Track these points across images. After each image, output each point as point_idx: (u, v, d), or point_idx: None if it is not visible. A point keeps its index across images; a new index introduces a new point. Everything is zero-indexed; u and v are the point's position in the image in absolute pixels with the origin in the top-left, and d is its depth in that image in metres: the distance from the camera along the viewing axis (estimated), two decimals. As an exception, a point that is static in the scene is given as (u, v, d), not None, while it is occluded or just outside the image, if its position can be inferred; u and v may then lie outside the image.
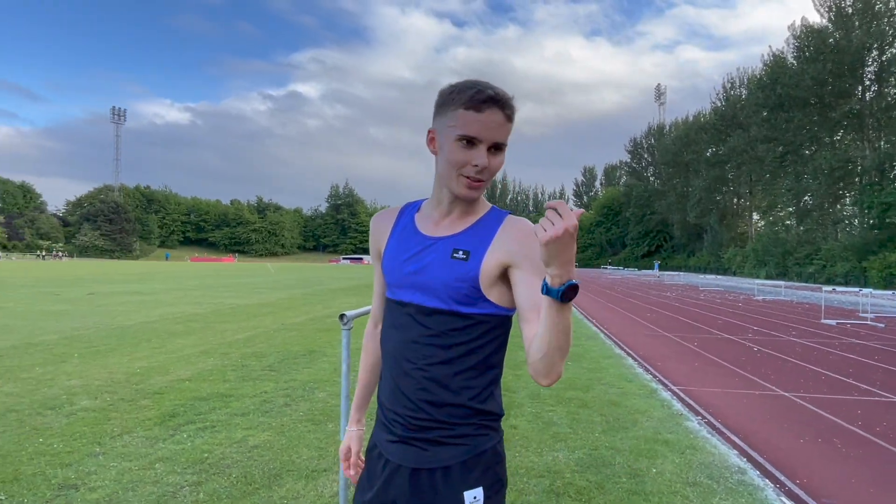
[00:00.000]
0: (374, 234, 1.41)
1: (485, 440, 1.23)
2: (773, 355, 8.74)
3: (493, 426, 1.25)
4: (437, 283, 1.22)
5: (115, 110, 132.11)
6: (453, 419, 1.21)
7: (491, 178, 1.22)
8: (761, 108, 47.60)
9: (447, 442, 1.21)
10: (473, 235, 1.24)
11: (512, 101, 1.19)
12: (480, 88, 1.16)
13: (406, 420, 1.23)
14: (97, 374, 6.22)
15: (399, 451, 1.25)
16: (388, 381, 1.27)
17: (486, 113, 1.16)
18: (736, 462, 3.98)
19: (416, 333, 1.23)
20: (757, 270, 45.76)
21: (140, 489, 3.26)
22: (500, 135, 1.18)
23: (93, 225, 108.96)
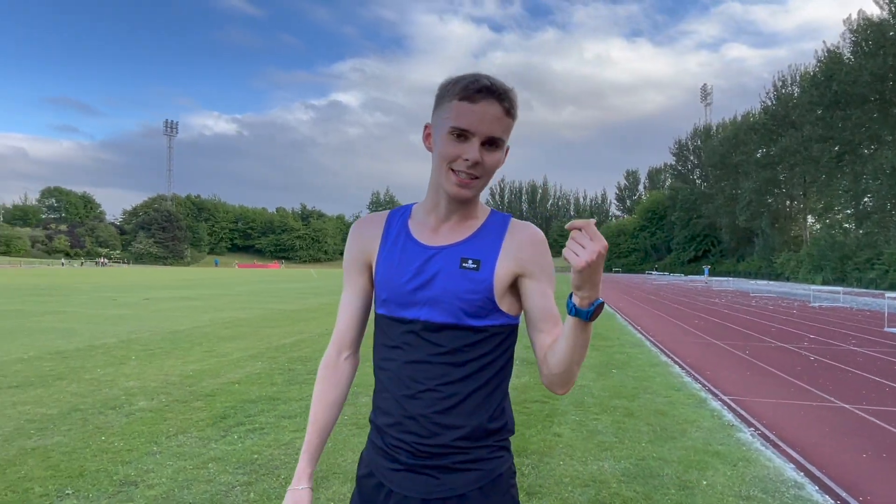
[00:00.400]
0: (356, 244, 1.26)
1: (500, 463, 1.15)
2: (832, 365, 8.33)
3: (507, 446, 1.19)
4: (448, 296, 1.12)
5: (168, 123, 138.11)
6: (468, 442, 1.12)
7: (486, 176, 1.12)
8: (815, 107, 45.61)
9: (461, 468, 1.12)
10: (481, 242, 1.16)
11: (511, 93, 1.10)
12: (477, 78, 1.08)
13: (414, 447, 1.12)
14: (153, 376, 6.50)
15: (406, 480, 1.13)
16: (391, 406, 1.15)
17: (480, 104, 1.07)
18: (792, 476, 3.82)
19: (424, 352, 1.13)
20: (812, 276, 43.69)
21: (195, 487, 3.39)
22: (495, 129, 1.09)
23: (147, 233, 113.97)
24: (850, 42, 42.62)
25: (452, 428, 1.11)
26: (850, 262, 40.42)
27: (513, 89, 1.11)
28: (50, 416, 4.86)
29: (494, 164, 1.11)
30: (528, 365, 7.62)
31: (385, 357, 1.19)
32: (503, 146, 1.12)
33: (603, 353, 8.84)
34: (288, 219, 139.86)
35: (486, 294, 1.12)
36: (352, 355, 1.33)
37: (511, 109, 1.10)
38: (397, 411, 1.14)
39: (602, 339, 10.65)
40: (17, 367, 6.94)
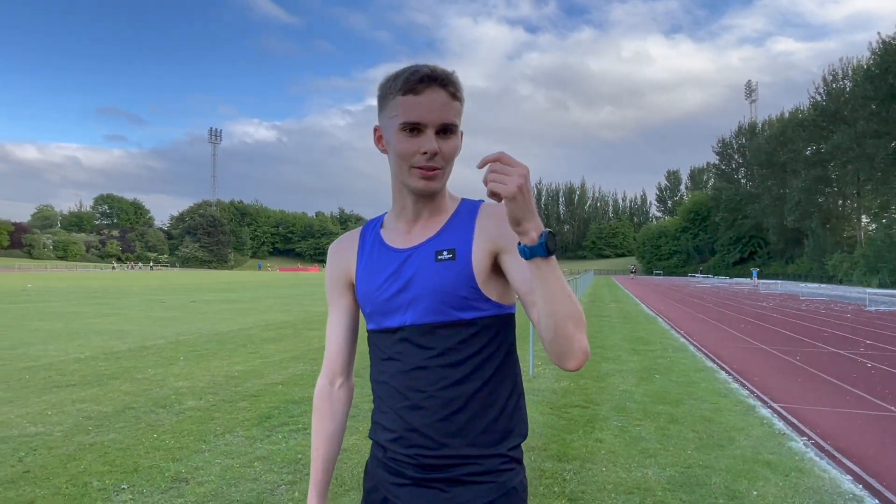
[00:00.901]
0: (334, 266, 1.23)
1: (512, 476, 1.08)
2: (891, 372, 7.92)
3: (518, 457, 1.12)
4: (429, 292, 1.07)
5: (212, 131, 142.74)
6: (477, 450, 1.06)
7: (447, 164, 1.08)
8: (870, 101, 43.54)
9: (470, 480, 1.06)
10: (453, 231, 1.11)
11: (453, 76, 1.06)
12: (416, 69, 1.04)
13: (419, 460, 1.07)
14: (201, 377, 6.72)
15: (411, 495, 1.09)
16: (392, 421, 1.11)
17: (425, 94, 1.03)
18: (850, 489, 3.65)
19: (418, 358, 1.07)
20: (868, 278, 41.62)
21: (242, 486, 3.48)
22: (445, 115, 1.04)
23: (193, 237, 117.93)
24: (907, 32, 40.52)
25: (457, 435, 1.06)
26: (910, 264, 38.34)
27: (454, 72, 1.07)
28: (105, 413, 5.08)
29: (452, 151, 1.07)
30: (568, 369, 7.53)
31: (380, 371, 1.15)
32: (457, 131, 1.07)
33: (645, 358, 8.65)
34: (327, 223, 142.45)
35: (468, 282, 1.06)
36: (344, 382, 1.28)
37: (456, 93, 1.06)
38: (398, 425, 1.09)
39: (643, 343, 10.42)
40: (74, 366, 7.29)
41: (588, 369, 7.51)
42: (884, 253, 41.16)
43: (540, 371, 7.35)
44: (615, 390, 6.34)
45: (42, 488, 3.39)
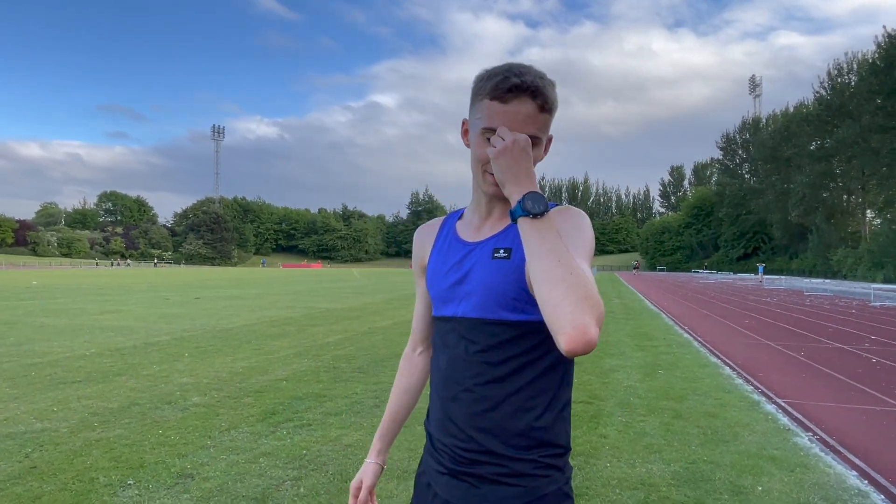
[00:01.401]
0: (416, 249, 1.29)
1: (546, 482, 1.04)
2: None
3: (558, 464, 1.07)
4: (480, 288, 1.07)
5: (215, 128, 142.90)
6: (508, 451, 1.05)
7: None
8: (875, 95, 43.31)
9: (499, 481, 1.05)
10: (515, 231, 1.08)
11: (545, 88, 1.03)
12: (507, 76, 1.02)
13: (454, 452, 1.09)
14: (205, 373, 6.74)
15: (448, 485, 1.11)
16: (437, 408, 1.15)
17: (512, 104, 1.02)
18: (856, 484, 3.64)
19: (462, 350, 1.09)
20: (873, 273, 41.45)
21: (247, 481, 3.49)
22: (528, 128, 1.03)
23: (196, 234, 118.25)
24: (913, 26, 40.24)
25: (488, 432, 1.05)
26: (915, 259, 38.18)
27: (546, 81, 1.05)
28: (111, 409, 5.10)
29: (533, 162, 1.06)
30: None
31: (435, 357, 1.19)
32: (540, 143, 1.07)
33: (649, 353, 8.64)
34: (330, 219, 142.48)
35: (517, 283, 1.04)
36: (424, 350, 1.36)
37: (546, 104, 1.04)
38: (440, 414, 1.13)
39: (647, 338, 10.41)
40: (80, 363, 7.32)
41: (592, 365, 7.51)
42: (888, 248, 40.99)
43: (544, 367, 7.34)
44: (619, 386, 6.34)
45: (49, 484, 3.41)
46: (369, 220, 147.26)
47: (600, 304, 0.88)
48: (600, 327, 0.88)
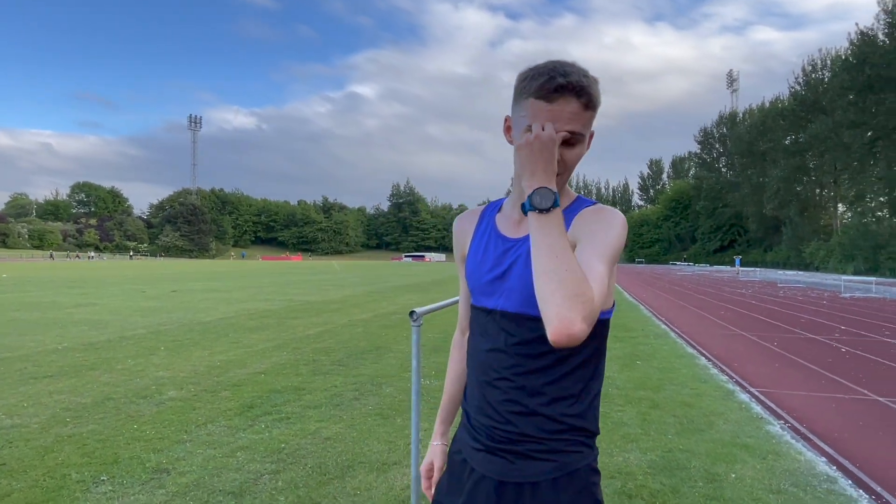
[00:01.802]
0: (456, 238, 1.34)
1: (578, 457, 1.12)
2: (865, 357, 8.12)
3: (588, 443, 1.15)
4: (521, 285, 1.11)
5: (192, 118, 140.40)
6: (542, 433, 1.11)
7: (567, 171, 1.12)
8: (847, 91, 44.22)
9: (535, 456, 1.12)
10: None
11: (590, 87, 1.07)
12: (553, 76, 1.05)
13: (491, 431, 1.16)
14: (182, 367, 6.64)
15: (484, 460, 1.17)
16: (474, 390, 1.21)
17: (557, 103, 1.06)
18: (825, 470, 3.74)
19: (501, 342, 1.14)
20: (843, 266, 42.54)
21: (224, 475, 3.45)
22: (573, 125, 1.07)
23: (173, 226, 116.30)
24: (884, 24, 41.15)
25: (524, 416, 1.11)
26: (884, 252, 39.27)
27: (591, 79, 1.09)
28: (84, 404, 5.00)
29: (575, 159, 1.12)
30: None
31: (472, 344, 1.25)
32: (584, 140, 1.11)
33: (627, 344, 8.75)
34: (310, 211, 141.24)
35: None
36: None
37: (590, 102, 1.08)
38: (478, 397, 1.18)
39: (625, 329, 10.55)
40: (51, 357, 7.15)
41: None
42: (858, 241, 42.08)
43: (523, 358, 7.39)
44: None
45: (19, 481, 3.33)
46: (350, 212, 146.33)
47: (591, 300, 0.93)
48: (589, 323, 0.92)
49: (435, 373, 6.47)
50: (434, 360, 7.24)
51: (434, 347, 8.17)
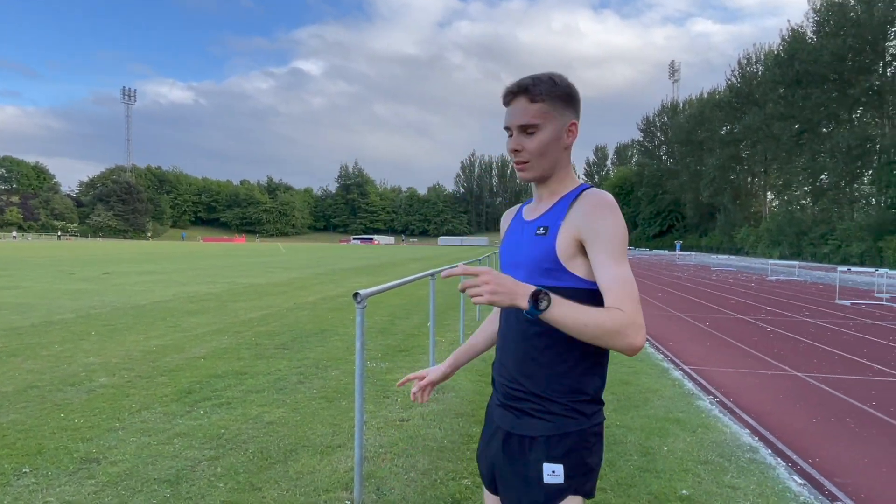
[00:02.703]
0: (501, 230, 1.58)
1: (571, 422, 1.28)
2: (786, 336, 8.69)
3: (585, 411, 1.29)
4: (526, 260, 1.33)
5: (126, 91, 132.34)
6: (544, 393, 1.29)
7: (534, 157, 1.32)
8: (778, 85, 46.58)
9: (535, 415, 1.30)
10: (554, 213, 1.33)
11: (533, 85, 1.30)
12: (508, 85, 1.33)
13: (505, 389, 1.37)
14: (115, 352, 6.34)
15: (500, 414, 1.39)
16: (497, 353, 1.44)
17: (511, 105, 1.33)
18: (748, 441, 3.99)
19: (513, 311, 1.33)
20: (770, 250, 45.26)
21: (159, 463, 3.33)
22: (522, 118, 1.30)
23: (106, 206, 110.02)
24: (813, 22, 43.49)
25: (529, 377, 1.31)
26: (806, 238, 42.01)
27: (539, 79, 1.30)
28: (4, 393, 4.69)
29: (536, 146, 1.31)
30: (497, 337, 7.71)
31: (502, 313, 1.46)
32: (542, 128, 1.31)
33: (570, 326, 9.00)
34: (254, 192, 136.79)
35: (550, 255, 1.28)
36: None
37: (536, 96, 1.29)
38: (499, 358, 1.42)
39: (569, 311, 10.84)
40: (-33, 343, 6.66)
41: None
42: (784, 227, 44.78)
43: (470, 340, 7.47)
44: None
45: (-72, 476, 3.10)
46: (296, 193, 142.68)
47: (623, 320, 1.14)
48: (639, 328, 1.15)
49: (381, 355, 6.45)
50: (381, 342, 7.22)
51: (381, 330, 8.14)
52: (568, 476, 1.26)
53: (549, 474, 1.26)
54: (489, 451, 1.41)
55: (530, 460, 1.29)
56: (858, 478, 3.42)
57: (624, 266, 1.22)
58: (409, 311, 10.16)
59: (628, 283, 1.20)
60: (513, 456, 1.32)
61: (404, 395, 4.85)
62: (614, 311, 1.17)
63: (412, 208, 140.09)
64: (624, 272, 1.21)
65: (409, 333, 7.93)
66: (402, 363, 6.08)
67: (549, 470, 1.27)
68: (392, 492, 3.04)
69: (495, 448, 1.38)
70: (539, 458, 1.28)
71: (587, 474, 1.29)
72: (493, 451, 1.39)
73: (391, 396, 4.83)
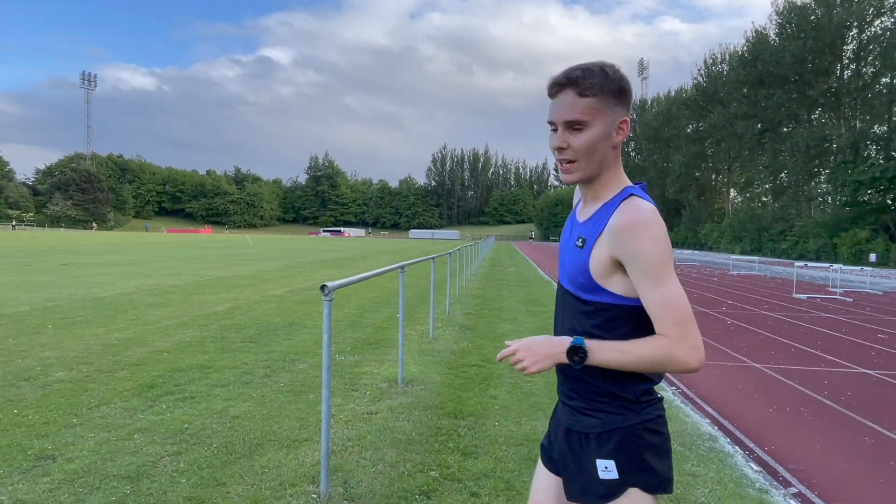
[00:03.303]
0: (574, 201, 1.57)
1: (618, 419, 1.30)
2: (746, 328, 8.97)
3: (632, 407, 1.30)
4: (568, 267, 1.35)
5: (86, 75, 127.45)
6: (588, 394, 1.33)
7: (581, 157, 1.26)
8: (742, 85, 47.80)
9: (586, 412, 1.34)
10: (593, 223, 1.30)
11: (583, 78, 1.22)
12: (554, 76, 1.26)
13: (564, 387, 1.42)
14: (73, 346, 6.13)
15: (561, 410, 1.45)
16: None
17: (557, 98, 1.25)
18: (708, 430, 4.11)
19: (560, 311, 1.41)
20: (733, 246, 46.62)
21: (119, 459, 3.24)
22: (570, 113, 1.23)
23: (64, 194, 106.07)
24: (776, 24, 44.71)
25: (574, 380, 1.35)
26: (766, 234, 43.38)
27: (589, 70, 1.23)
28: (-47, 389, 4.49)
29: (584, 143, 1.24)
30: (467, 331, 7.75)
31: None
32: (591, 125, 1.24)
33: (539, 319, 9.10)
34: (221, 182, 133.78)
35: (584, 271, 1.28)
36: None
37: (587, 90, 1.22)
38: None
39: (538, 304, 10.96)
40: (-87, 337, 6.35)
41: (486, 330, 7.78)
42: (746, 223, 46.14)
43: (439, 333, 7.49)
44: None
45: None
46: (264, 185, 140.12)
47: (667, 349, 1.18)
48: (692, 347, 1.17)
49: (350, 348, 6.41)
50: (350, 335, 7.17)
51: (351, 323, 8.08)
52: (622, 471, 1.28)
53: (602, 470, 1.30)
54: (556, 443, 1.46)
55: (587, 456, 1.33)
56: (811, 464, 3.56)
57: (667, 285, 1.19)
58: (379, 305, 10.12)
59: (672, 305, 1.18)
60: (574, 450, 1.37)
61: (373, 389, 4.84)
62: (658, 339, 1.19)
63: (383, 201, 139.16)
64: (667, 292, 1.18)
65: (378, 326, 7.89)
66: (370, 356, 6.06)
67: (602, 466, 1.30)
68: (359, 485, 3.03)
69: (560, 440, 1.42)
70: (593, 455, 1.31)
71: (645, 470, 1.28)
72: (559, 444, 1.43)
73: (360, 390, 4.80)
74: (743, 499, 3.01)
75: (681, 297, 1.19)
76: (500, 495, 2.95)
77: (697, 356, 1.17)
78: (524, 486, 3.04)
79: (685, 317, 1.17)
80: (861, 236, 32.45)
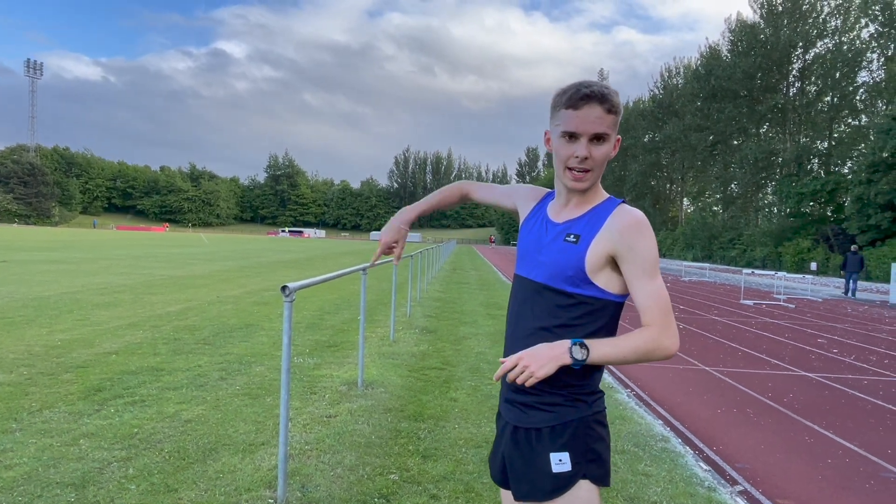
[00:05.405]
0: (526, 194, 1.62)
1: (572, 411, 1.35)
2: (697, 333, 9.30)
3: (585, 399, 1.36)
4: (551, 262, 1.37)
5: (30, 63, 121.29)
6: (544, 387, 1.34)
7: (597, 166, 1.34)
8: (696, 98, 49.68)
9: (538, 407, 1.36)
10: (586, 222, 1.37)
11: (611, 95, 1.31)
12: (579, 88, 1.31)
13: (505, 387, 1.44)
14: (12, 347, 5.82)
15: (506, 409, 1.46)
16: (506, 346, 1.46)
17: (583, 109, 1.30)
18: (660, 431, 4.24)
19: (528, 307, 1.40)
20: (685, 253, 48.28)
21: (63, 466, 3.10)
22: (598, 126, 1.31)
23: (5, 188, 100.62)
24: (728, 41, 46.65)
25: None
26: (717, 242, 45.13)
27: (611, 90, 1.32)
28: None
29: (603, 156, 1.33)
30: (428, 334, 7.75)
31: (509, 304, 1.50)
32: (609, 139, 1.33)
33: (499, 322, 9.19)
34: (175, 178, 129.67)
35: (579, 266, 1.32)
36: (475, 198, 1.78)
37: (612, 108, 1.31)
38: (507, 350, 1.43)
39: (498, 307, 11.06)
40: None
41: (447, 333, 7.80)
42: (698, 231, 47.89)
43: (400, 336, 7.47)
44: (470, 352, 6.66)
45: None
46: (221, 182, 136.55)
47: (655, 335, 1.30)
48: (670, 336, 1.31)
49: (309, 350, 6.32)
50: (309, 337, 7.06)
51: (310, 325, 7.96)
52: (575, 462, 1.32)
53: (556, 463, 1.33)
54: (501, 446, 1.46)
55: (538, 451, 1.35)
56: (756, 462, 3.72)
57: (657, 280, 1.32)
58: (339, 307, 10.00)
59: (662, 297, 1.32)
60: (522, 448, 1.38)
61: (332, 392, 4.78)
62: (646, 330, 1.30)
63: (344, 202, 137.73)
64: (658, 286, 1.32)
65: (338, 329, 7.80)
66: (330, 359, 5.98)
67: (556, 459, 1.33)
68: (318, 489, 2.99)
69: (506, 442, 1.43)
70: (545, 449, 1.34)
71: (595, 460, 1.34)
72: (504, 446, 1.44)
73: (318, 392, 4.74)
74: (693, 497, 3.12)
75: (665, 292, 1.34)
76: (459, 497, 2.96)
77: (677, 342, 1.31)
78: (484, 487, 3.07)
79: (669, 308, 1.32)
80: (803, 245, 34.15)
